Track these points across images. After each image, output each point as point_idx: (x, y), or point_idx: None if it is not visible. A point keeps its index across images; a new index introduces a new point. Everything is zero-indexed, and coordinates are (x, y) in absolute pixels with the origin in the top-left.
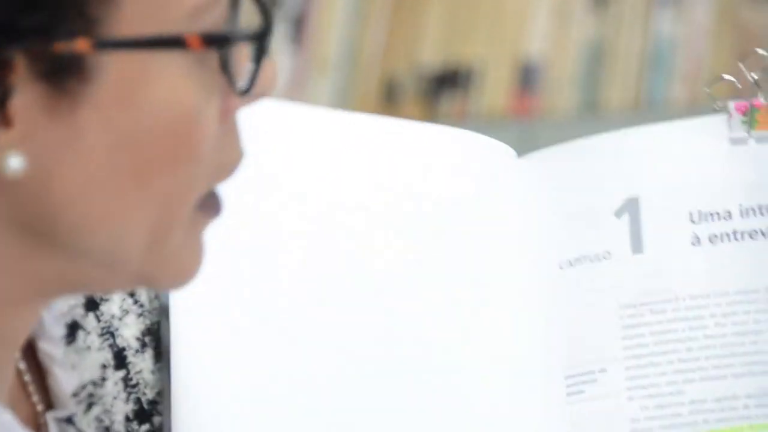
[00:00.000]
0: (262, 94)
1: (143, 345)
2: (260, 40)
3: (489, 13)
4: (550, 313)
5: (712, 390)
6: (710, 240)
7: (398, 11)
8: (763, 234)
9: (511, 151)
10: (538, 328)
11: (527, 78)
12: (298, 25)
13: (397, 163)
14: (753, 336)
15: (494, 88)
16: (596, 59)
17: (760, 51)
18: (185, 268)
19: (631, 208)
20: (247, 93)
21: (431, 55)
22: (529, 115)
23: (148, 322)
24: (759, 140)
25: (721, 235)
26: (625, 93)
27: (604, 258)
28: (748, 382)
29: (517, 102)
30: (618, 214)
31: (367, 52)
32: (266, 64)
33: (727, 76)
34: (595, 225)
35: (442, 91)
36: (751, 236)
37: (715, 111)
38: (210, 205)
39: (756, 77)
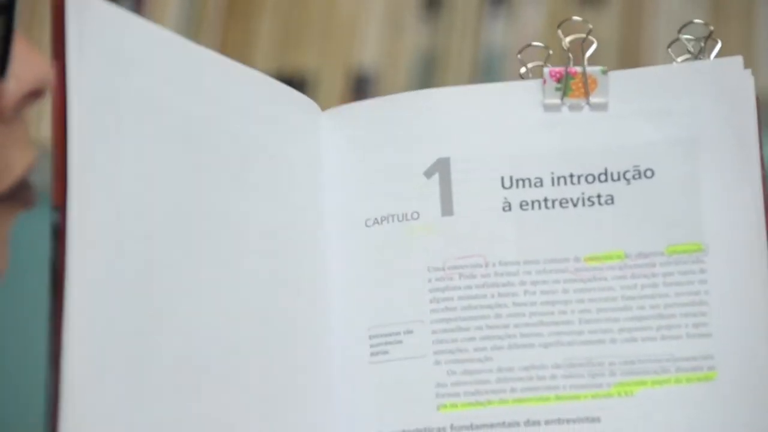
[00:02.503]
0: (37, 87)
1: None
2: (4, 12)
3: (322, 22)
4: (354, 270)
5: (520, 358)
6: (521, 206)
7: (231, 19)
8: (573, 203)
9: (315, 106)
10: (339, 285)
11: (361, 87)
12: None
13: (192, 106)
14: (562, 306)
15: (328, 97)
16: (428, 68)
17: (576, 18)
18: None
19: (441, 168)
20: (2, 74)
21: (264, 63)
22: None
23: None
24: (572, 108)
25: (532, 202)
26: None
27: (413, 218)
28: (556, 352)
29: None
30: (428, 174)
31: None
32: (29, 51)
33: (536, 43)
34: (404, 184)
35: None
36: (561, 205)
37: (521, 77)
38: (19, 197)
39: (569, 45)
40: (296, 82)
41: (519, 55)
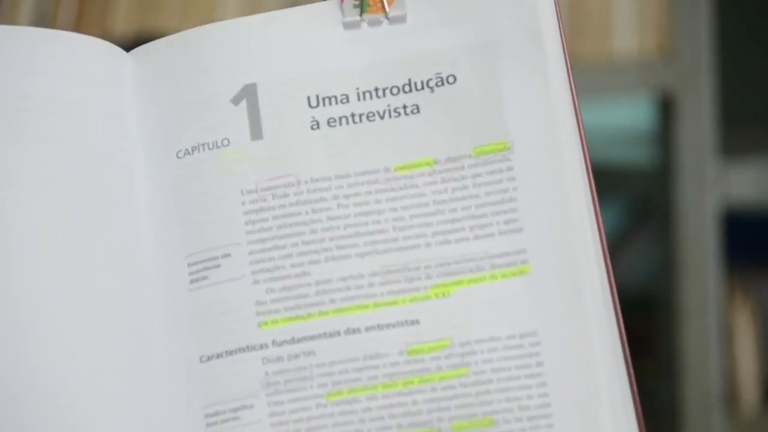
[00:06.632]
0: None
1: None
2: None
3: None
4: (168, 203)
5: (337, 270)
6: (329, 123)
7: None
8: (380, 115)
9: (117, 48)
10: (154, 219)
11: None
12: None
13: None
14: (375, 215)
15: None
16: None
17: None
18: None
19: (248, 94)
20: None
21: (125, 25)
22: None
23: None
24: (371, 24)
25: (339, 118)
26: None
27: (223, 145)
28: (372, 260)
29: None
30: (235, 101)
31: (60, 22)
32: None
33: None
34: (212, 113)
35: None
36: (368, 118)
37: None
38: None
39: None
40: None
41: None
